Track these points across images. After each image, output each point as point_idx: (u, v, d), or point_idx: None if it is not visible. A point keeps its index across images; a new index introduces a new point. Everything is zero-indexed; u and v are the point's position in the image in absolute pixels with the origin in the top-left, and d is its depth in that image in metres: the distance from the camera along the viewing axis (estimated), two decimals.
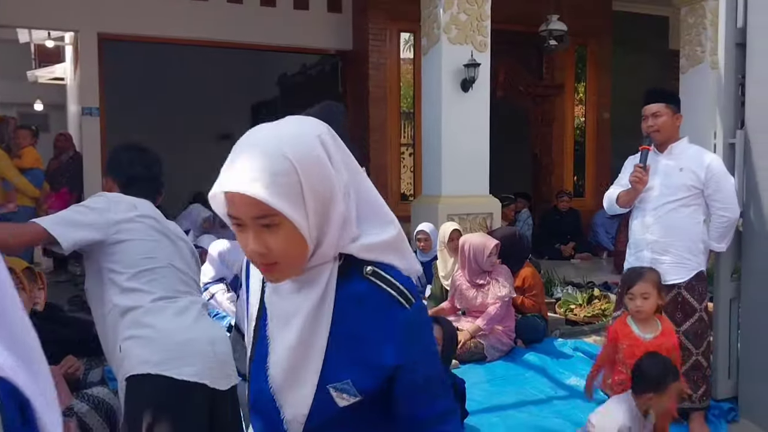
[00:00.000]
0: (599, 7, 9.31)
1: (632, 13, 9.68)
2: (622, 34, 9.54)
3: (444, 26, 6.06)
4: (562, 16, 8.32)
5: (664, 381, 2.64)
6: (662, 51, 9.97)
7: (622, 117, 9.39)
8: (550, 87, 9.23)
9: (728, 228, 3.59)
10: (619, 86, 9.53)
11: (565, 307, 5.78)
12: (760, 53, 3.68)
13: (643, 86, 3.93)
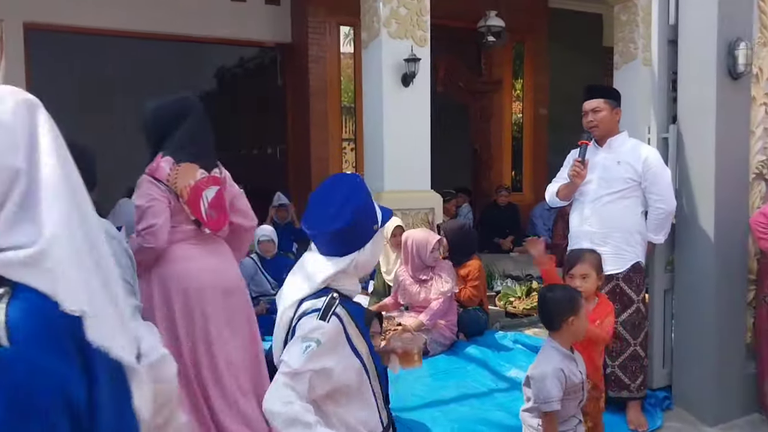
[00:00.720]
0: (536, 4, 9.47)
1: (567, 11, 9.87)
2: (558, 31, 9.72)
3: (384, 20, 6.03)
4: (500, 13, 8.42)
5: (575, 298, 2.67)
6: (596, 48, 10.21)
7: (558, 113, 9.59)
8: (488, 83, 9.34)
9: (665, 220, 3.69)
10: (556, 82, 9.71)
11: (504, 300, 5.85)
12: (691, 50, 3.79)
13: (579, 83, 4.00)
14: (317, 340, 2.04)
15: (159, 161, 2.82)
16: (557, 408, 2.56)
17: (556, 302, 2.65)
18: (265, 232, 5.81)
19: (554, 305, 2.66)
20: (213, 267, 2.91)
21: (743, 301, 3.83)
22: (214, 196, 2.91)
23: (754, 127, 3.82)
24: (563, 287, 2.82)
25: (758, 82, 3.83)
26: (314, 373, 2.06)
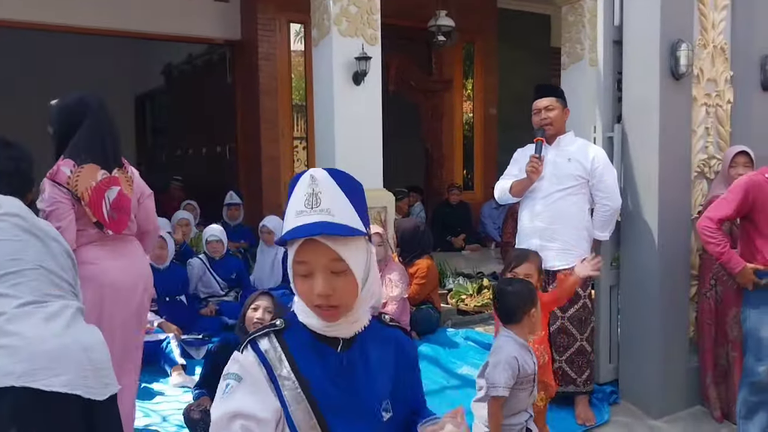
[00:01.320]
0: (485, 5, 9.55)
1: (516, 11, 9.99)
2: (507, 31, 9.83)
3: (334, 18, 5.99)
4: (450, 13, 8.46)
5: (533, 291, 2.76)
6: (545, 48, 10.37)
7: (508, 112, 9.70)
8: (439, 82, 9.38)
9: (611, 217, 3.78)
10: (505, 82, 9.82)
11: (456, 298, 5.89)
12: (635, 51, 3.88)
13: (527, 82, 4.07)
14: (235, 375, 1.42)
15: (59, 164, 2.77)
16: (503, 394, 2.60)
17: (518, 295, 2.72)
18: (213, 232, 5.71)
19: (516, 298, 2.71)
20: (120, 267, 2.86)
21: (686, 296, 3.94)
22: (116, 197, 2.86)
23: (696, 126, 3.93)
24: (520, 281, 2.87)
25: (699, 83, 3.94)
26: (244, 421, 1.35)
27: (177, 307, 5.15)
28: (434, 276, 5.26)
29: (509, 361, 2.62)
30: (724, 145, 4.05)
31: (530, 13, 10.22)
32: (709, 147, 4.01)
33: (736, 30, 4.14)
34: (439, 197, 9.36)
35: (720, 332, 3.79)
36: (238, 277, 5.71)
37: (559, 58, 8.13)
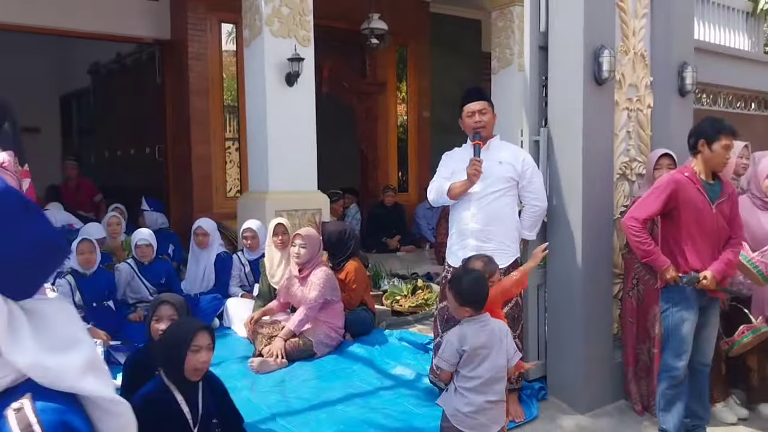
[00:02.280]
0: (417, 9, 9.65)
1: (448, 16, 10.12)
2: (439, 35, 9.95)
3: (266, 18, 5.94)
4: (383, 16, 8.51)
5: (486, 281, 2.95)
6: (476, 53, 10.55)
7: (441, 115, 9.83)
8: (373, 85, 9.41)
9: (539, 217, 3.90)
10: (438, 85, 9.94)
11: (391, 299, 5.92)
12: (559, 56, 3.99)
13: (459, 86, 4.12)
14: None
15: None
16: (444, 367, 2.87)
17: (485, 284, 2.94)
18: (143, 236, 5.57)
19: (485, 287, 2.93)
20: None
21: (610, 294, 4.07)
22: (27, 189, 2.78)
23: (618, 130, 4.07)
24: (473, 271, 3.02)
25: (621, 88, 4.09)
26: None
27: (104, 312, 4.99)
28: (363, 277, 5.27)
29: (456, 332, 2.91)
30: (645, 148, 4.22)
31: (462, 18, 10.38)
32: (631, 150, 4.17)
33: (655, 37, 4.32)
34: (374, 199, 9.39)
35: (642, 330, 3.93)
36: (168, 282, 5.58)
37: (489, 63, 8.29)
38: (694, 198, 3.37)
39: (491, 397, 2.88)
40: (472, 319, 2.91)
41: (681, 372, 3.43)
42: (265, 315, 4.95)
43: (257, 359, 4.46)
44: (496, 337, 2.89)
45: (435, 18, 9.92)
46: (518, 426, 3.73)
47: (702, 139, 3.40)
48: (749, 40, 7.76)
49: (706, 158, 3.40)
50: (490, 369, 2.87)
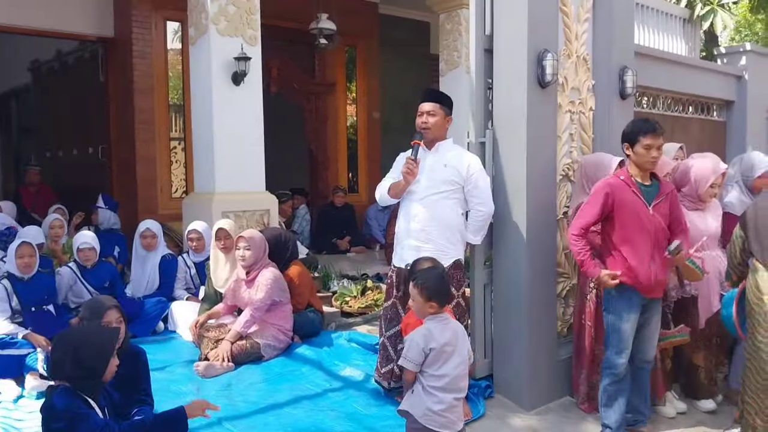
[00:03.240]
0: (366, 10, 9.64)
1: (397, 17, 10.14)
2: (388, 36, 9.97)
3: (212, 17, 5.86)
4: (332, 16, 8.48)
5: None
6: (425, 54, 10.60)
7: (390, 116, 9.85)
8: (322, 85, 9.37)
9: (484, 221, 3.91)
10: (387, 87, 9.96)
11: (340, 300, 5.90)
12: (504, 59, 4.05)
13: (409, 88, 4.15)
14: None
15: None
16: (409, 367, 2.93)
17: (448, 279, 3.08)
18: (84, 239, 5.40)
19: (448, 282, 3.06)
20: None
21: (554, 293, 4.15)
22: None
23: (561, 132, 4.16)
24: (435, 268, 3.16)
25: (564, 91, 4.18)
26: None
27: (44, 317, 4.83)
28: (308, 280, 5.23)
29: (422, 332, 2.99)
30: (587, 150, 4.31)
31: (411, 20, 10.42)
32: (573, 152, 4.26)
33: (597, 42, 4.43)
34: (324, 200, 9.35)
35: (600, 331, 3.88)
36: (112, 286, 5.44)
37: (438, 65, 8.35)
38: (629, 200, 3.45)
39: (458, 395, 2.97)
40: (436, 317, 2.97)
41: (622, 369, 3.52)
42: (210, 318, 4.88)
43: (203, 363, 4.39)
44: (457, 334, 2.99)
45: (384, 19, 9.93)
46: (465, 424, 3.75)
47: (625, 143, 3.52)
48: (686, 45, 8.03)
49: (634, 160, 3.51)
50: (455, 366, 2.94)
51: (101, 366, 2.66)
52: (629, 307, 3.49)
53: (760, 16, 13.57)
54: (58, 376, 2.69)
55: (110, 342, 2.72)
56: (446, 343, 2.94)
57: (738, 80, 7.36)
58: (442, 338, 2.94)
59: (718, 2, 8.40)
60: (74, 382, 2.64)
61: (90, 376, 2.65)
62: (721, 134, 7.37)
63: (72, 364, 2.62)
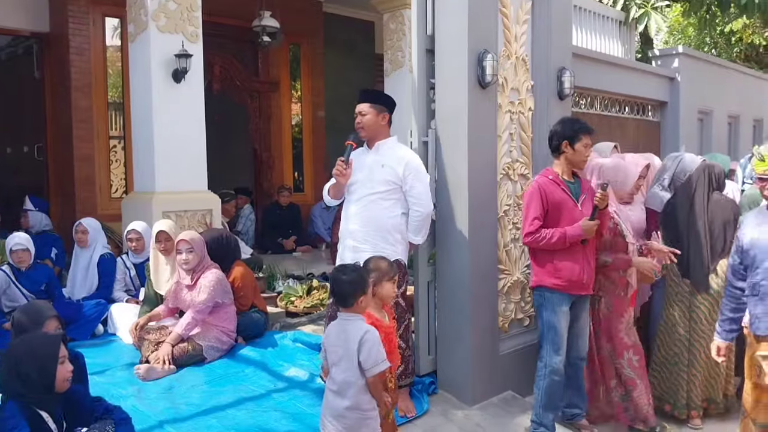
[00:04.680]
0: (310, 8, 9.60)
1: (342, 16, 10.13)
2: (333, 35, 9.95)
3: (152, 14, 5.74)
4: (275, 14, 8.42)
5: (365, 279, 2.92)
6: (370, 54, 10.62)
7: (336, 115, 9.83)
8: (266, 83, 9.28)
9: (423, 222, 3.90)
10: (333, 86, 9.94)
11: (286, 300, 5.86)
12: (445, 59, 4.10)
13: (354, 87, 4.16)
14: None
15: None
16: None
17: (350, 283, 2.85)
18: (18, 241, 5.23)
19: (348, 285, 2.85)
20: None
21: (495, 289, 4.23)
22: None
23: (501, 132, 4.23)
24: (354, 268, 2.98)
25: (503, 92, 4.25)
26: None
27: None
28: (251, 281, 5.18)
29: (378, 337, 2.81)
30: (526, 150, 4.40)
31: (356, 19, 10.42)
32: (513, 151, 4.34)
33: (536, 43, 4.52)
34: (269, 199, 9.28)
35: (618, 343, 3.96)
36: (48, 288, 5.28)
37: (383, 65, 8.38)
38: (560, 198, 3.59)
39: (346, 403, 2.79)
40: (341, 315, 2.90)
41: (560, 366, 3.62)
42: (151, 321, 4.79)
43: (144, 366, 4.30)
44: (349, 342, 2.78)
45: (329, 18, 9.90)
46: (409, 421, 3.81)
47: (565, 140, 3.63)
48: (622, 47, 8.27)
49: (569, 158, 3.64)
50: (341, 372, 2.81)
51: (46, 379, 2.56)
52: (562, 305, 3.61)
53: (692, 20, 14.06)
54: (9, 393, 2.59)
55: (52, 352, 2.61)
56: (331, 344, 2.87)
57: (671, 82, 7.63)
58: (329, 340, 2.89)
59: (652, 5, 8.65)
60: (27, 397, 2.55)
61: (39, 389, 2.56)
62: (656, 134, 7.63)
63: (20, 382, 2.53)
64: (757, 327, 2.88)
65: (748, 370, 2.97)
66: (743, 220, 3.10)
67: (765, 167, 2.94)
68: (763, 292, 2.84)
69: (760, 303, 2.86)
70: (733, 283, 3.07)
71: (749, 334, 2.99)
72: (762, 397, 2.88)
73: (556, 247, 3.57)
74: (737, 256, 3.03)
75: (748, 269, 2.97)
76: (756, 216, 3.00)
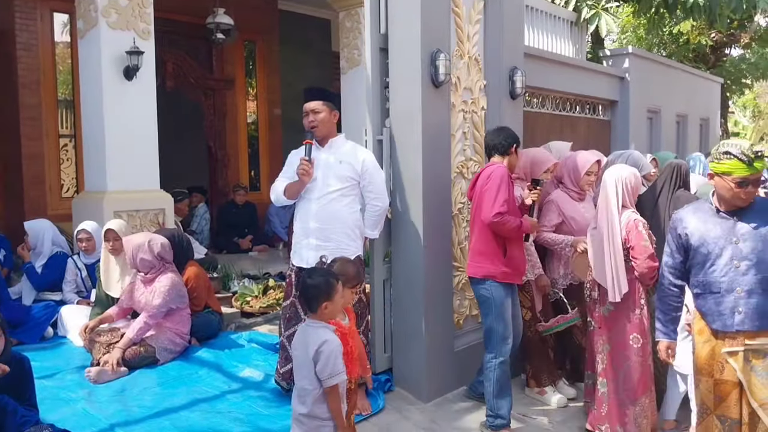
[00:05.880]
0: (265, 5, 9.53)
1: (298, 14, 10.08)
2: (289, 33, 9.89)
3: (102, 10, 5.63)
4: (229, 11, 8.34)
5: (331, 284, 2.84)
6: (326, 52, 10.59)
7: (292, 113, 9.77)
8: (220, 80, 9.19)
9: (380, 216, 3.96)
10: (289, 83, 9.89)
11: (241, 300, 5.82)
12: (399, 58, 4.11)
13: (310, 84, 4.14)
14: None
15: None
16: (345, 378, 2.77)
17: (314, 287, 2.81)
18: None
19: (312, 290, 2.81)
20: None
21: (450, 286, 4.27)
22: None
23: (455, 131, 4.27)
24: (322, 273, 2.95)
25: (457, 91, 4.29)
26: None
27: None
28: (204, 281, 5.13)
29: (339, 350, 2.76)
30: (479, 148, 4.45)
31: (312, 17, 10.37)
32: (467, 150, 4.39)
33: (488, 43, 4.58)
34: (225, 198, 9.18)
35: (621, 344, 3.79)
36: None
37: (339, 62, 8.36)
38: (512, 193, 3.73)
39: (303, 410, 2.78)
40: (307, 321, 2.89)
41: (509, 354, 3.70)
42: (103, 323, 4.70)
43: (95, 369, 4.23)
44: (308, 349, 2.75)
45: (284, 15, 9.84)
46: (365, 418, 3.82)
47: (516, 145, 3.83)
48: (574, 47, 8.42)
49: (513, 162, 3.84)
50: (300, 379, 2.80)
51: None
52: (507, 294, 3.71)
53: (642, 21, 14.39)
54: None
55: None
56: (296, 348, 2.86)
57: (621, 81, 7.80)
58: (294, 343, 2.88)
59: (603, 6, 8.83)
60: None
61: None
62: (606, 132, 7.79)
63: None
64: (724, 324, 2.81)
65: (705, 367, 2.91)
66: (678, 218, 3.00)
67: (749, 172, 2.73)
68: (726, 288, 2.80)
69: (721, 299, 2.81)
70: (672, 281, 3.03)
71: (701, 331, 2.93)
72: (731, 393, 2.84)
73: (511, 234, 3.64)
74: (678, 255, 2.99)
75: (694, 267, 2.92)
76: (694, 213, 2.95)
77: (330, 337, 2.77)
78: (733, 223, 2.83)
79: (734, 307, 2.79)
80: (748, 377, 2.79)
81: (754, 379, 2.79)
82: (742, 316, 2.78)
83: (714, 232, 2.85)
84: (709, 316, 2.88)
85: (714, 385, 2.89)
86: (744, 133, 24.61)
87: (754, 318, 2.76)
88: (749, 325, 2.77)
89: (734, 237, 2.80)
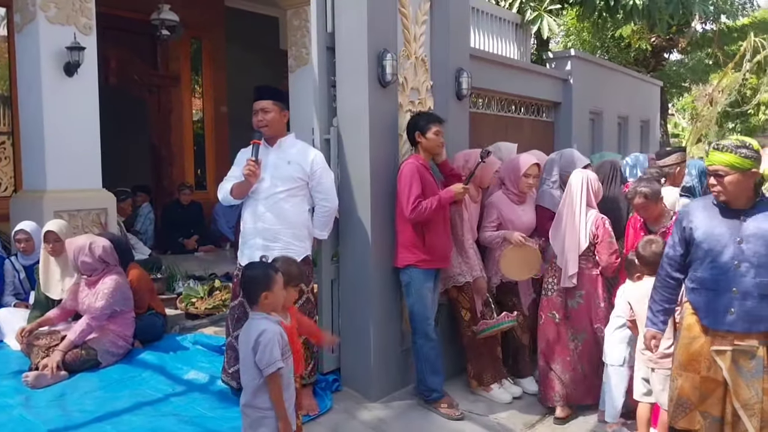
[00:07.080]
0: (211, 2, 9.40)
1: (244, 11, 9.96)
2: (235, 30, 9.78)
3: (41, 3, 5.47)
4: (174, 7, 8.19)
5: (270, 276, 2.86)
6: (274, 50, 10.49)
7: (239, 111, 9.66)
8: (165, 77, 9.03)
9: (329, 217, 3.96)
10: (236, 81, 9.76)
11: (186, 302, 5.72)
12: (346, 58, 4.12)
13: (258, 83, 4.09)
14: None
15: None
16: (282, 366, 2.74)
17: (252, 279, 2.84)
18: None
19: (251, 282, 2.83)
20: None
21: (397, 286, 4.28)
22: None
23: (402, 131, 4.29)
24: (261, 265, 2.95)
25: (404, 91, 4.32)
26: None
27: None
28: (146, 283, 5.04)
29: (276, 338, 2.75)
30: None
31: (259, 15, 10.27)
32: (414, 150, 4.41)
33: (435, 44, 4.62)
34: (170, 197, 9.02)
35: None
36: None
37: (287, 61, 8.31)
38: (428, 180, 3.95)
39: (243, 400, 2.80)
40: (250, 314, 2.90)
41: (434, 333, 4.00)
42: (42, 326, 4.56)
43: (33, 373, 4.10)
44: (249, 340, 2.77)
45: (231, 12, 9.72)
46: (313, 419, 3.81)
47: (417, 131, 4.00)
48: (518, 49, 8.56)
49: (425, 146, 4.02)
50: (244, 371, 2.81)
51: None
52: (427, 278, 3.97)
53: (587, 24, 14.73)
54: None
55: None
56: (240, 342, 2.87)
57: (564, 83, 7.96)
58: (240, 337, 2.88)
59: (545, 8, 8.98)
60: None
61: None
62: (550, 133, 7.94)
63: None
64: (715, 321, 2.82)
65: (692, 364, 2.90)
66: (686, 211, 2.97)
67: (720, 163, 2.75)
68: (722, 287, 2.78)
69: (716, 297, 2.80)
70: (670, 273, 3.00)
71: (690, 327, 2.92)
72: (716, 391, 2.84)
73: (436, 214, 3.91)
74: (680, 248, 2.95)
75: (694, 262, 2.90)
76: (703, 209, 2.90)
77: (268, 327, 2.77)
78: (739, 223, 2.79)
79: (728, 307, 2.78)
80: (734, 377, 2.79)
81: (739, 380, 2.79)
82: (734, 317, 2.77)
83: (719, 229, 2.82)
84: (701, 311, 2.87)
85: (701, 382, 2.88)
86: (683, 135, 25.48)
87: (745, 320, 2.76)
88: (740, 326, 2.77)
89: (738, 237, 2.77)
